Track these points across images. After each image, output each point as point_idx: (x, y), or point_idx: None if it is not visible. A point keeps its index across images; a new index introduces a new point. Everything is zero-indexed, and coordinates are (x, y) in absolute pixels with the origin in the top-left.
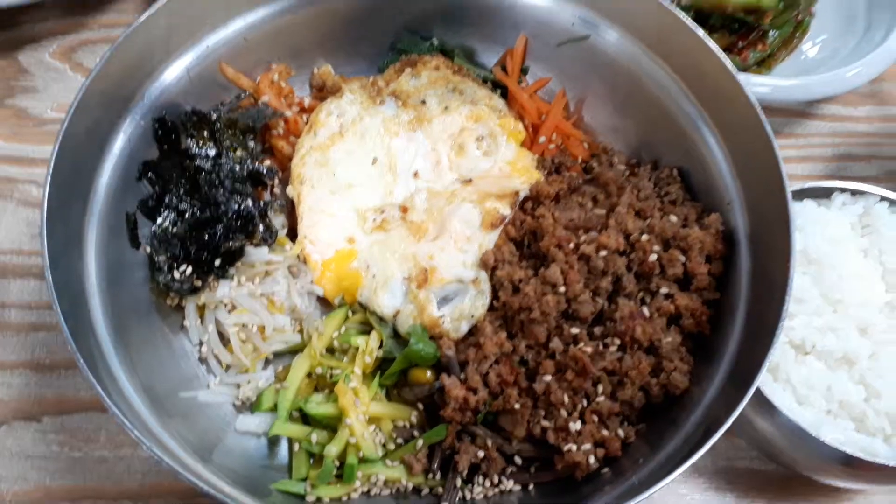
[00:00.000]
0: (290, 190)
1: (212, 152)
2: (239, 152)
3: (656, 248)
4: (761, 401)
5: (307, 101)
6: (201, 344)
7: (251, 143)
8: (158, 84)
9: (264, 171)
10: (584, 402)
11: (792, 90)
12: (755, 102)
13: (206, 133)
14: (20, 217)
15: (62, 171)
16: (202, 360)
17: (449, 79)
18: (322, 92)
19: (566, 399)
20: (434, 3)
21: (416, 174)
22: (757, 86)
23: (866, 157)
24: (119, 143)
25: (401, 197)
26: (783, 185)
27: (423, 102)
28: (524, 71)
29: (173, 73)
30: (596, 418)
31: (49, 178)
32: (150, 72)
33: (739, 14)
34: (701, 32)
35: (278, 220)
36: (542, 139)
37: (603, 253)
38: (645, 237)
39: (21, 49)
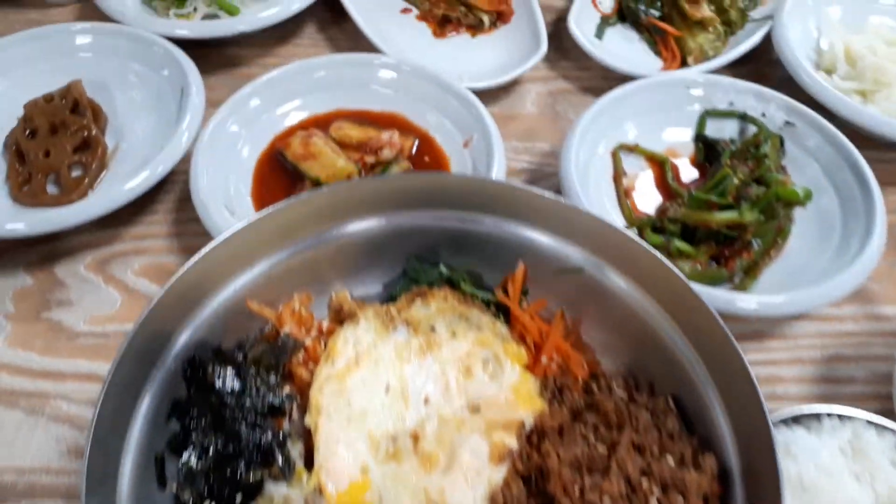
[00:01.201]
0: (308, 419)
1: (237, 387)
2: (262, 388)
3: (656, 490)
4: None
5: (325, 325)
6: None
7: (273, 378)
8: (189, 326)
9: (284, 401)
10: None
11: (779, 306)
12: (736, 343)
13: (231, 371)
14: (51, 434)
15: (104, 419)
16: None
17: (455, 307)
18: (340, 314)
19: None
20: (441, 234)
21: (426, 400)
22: (744, 303)
23: (855, 359)
24: (153, 386)
25: (412, 422)
26: (767, 422)
27: (433, 329)
28: (524, 292)
29: (203, 313)
30: None
31: (93, 428)
32: (182, 317)
33: (723, 229)
34: (681, 274)
35: (296, 449)
36: (544, 359)
37: (607, 501)
38: (645, 481)
39: (58, 262)
